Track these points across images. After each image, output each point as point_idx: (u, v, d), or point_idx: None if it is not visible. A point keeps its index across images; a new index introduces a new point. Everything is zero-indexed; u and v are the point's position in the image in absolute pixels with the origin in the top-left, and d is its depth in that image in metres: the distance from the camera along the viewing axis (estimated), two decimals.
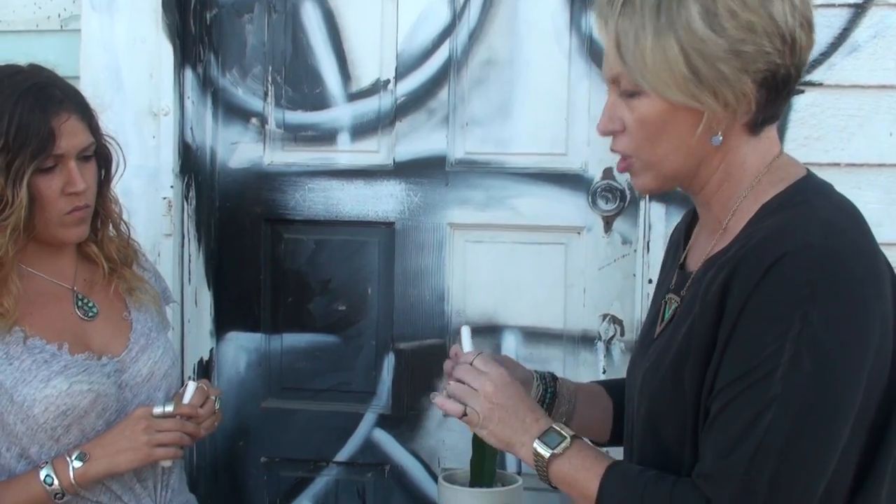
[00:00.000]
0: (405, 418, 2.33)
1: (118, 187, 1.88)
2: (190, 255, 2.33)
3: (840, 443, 1.14)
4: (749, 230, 1.23)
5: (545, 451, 1.29)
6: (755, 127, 1.25)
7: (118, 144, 1.75)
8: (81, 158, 1.63)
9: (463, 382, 1.39)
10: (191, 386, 1.69)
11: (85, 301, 1.71)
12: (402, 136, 2.30)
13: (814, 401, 1.12)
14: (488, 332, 2.28)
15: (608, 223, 2.21)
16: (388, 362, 2.34)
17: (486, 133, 2.27)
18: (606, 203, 2.20)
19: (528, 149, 2.25)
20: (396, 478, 2.34)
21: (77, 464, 1.57)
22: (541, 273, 2.25)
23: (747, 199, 1.26)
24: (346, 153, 2.34)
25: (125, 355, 1.69)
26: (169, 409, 1.64)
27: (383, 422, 2.35)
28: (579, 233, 2.23)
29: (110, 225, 1.77)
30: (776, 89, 1.23)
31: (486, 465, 1.90)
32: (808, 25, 1.23)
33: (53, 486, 1.56)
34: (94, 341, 1.68)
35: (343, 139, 2.34)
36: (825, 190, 1.27)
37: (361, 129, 2.33)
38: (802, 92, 2.00)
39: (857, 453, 1.18)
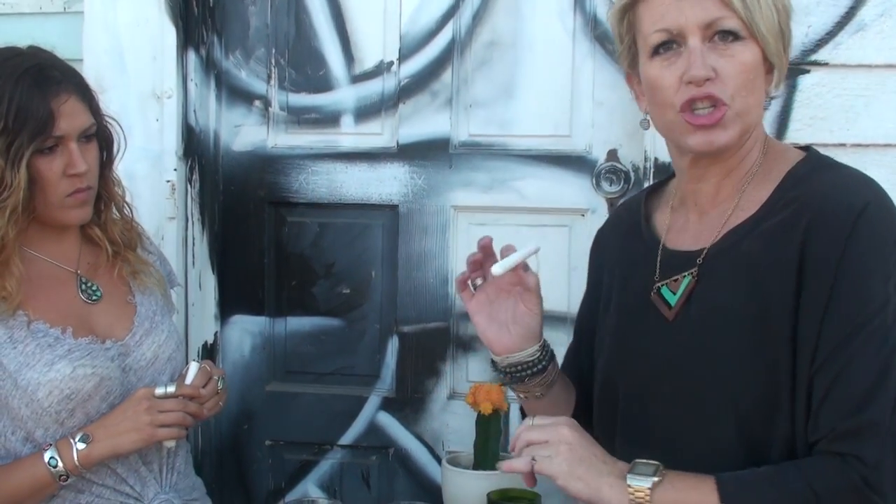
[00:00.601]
0: (409, 401, 2.32)
1: (121, 170, 1.87)
2: (194, 239, 2.33)
3: None
4: (791, 193, 1.24)
5: (645, 483, 1.19)
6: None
7: (119, 125, 1.74)
8: (82, 140, 1.63)
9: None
10: (193, 366, 1.69)
11: (88, 284, 1.70)
12: (406, 119, 2.29)
13: None
14: None
15: (612, 205, 2.20)
16: (392, 345, 2.34)
17: (489, 115, 2.26)
18: (610, 185, 2.19)
19: (531, 130, 2.24)
20: (400, 460, 2.34)
21: (80, 445, 1.57)
22: (544, 255, 2.20)
23: (763, 167, 1.31)
24: (349, 135, 2.33)
25: (129, 339, 1.69)
26: (171, 389, 1.64)
27: (387, 405, 2.34)
28: (583, 215, 2.22)
29: (113, 207, 1.76)
30: None
31: (489, 447, 1.91)
32: None
33: (57, 468, 1.56)
34: (98, 325, 1.68)
35: (346, 121, 2.33)
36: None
37: (365, 112, 2.32)
38: (808, 72, 1.98)
39: None
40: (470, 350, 2.30)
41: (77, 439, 1.57)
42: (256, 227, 2.38)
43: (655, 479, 1.19)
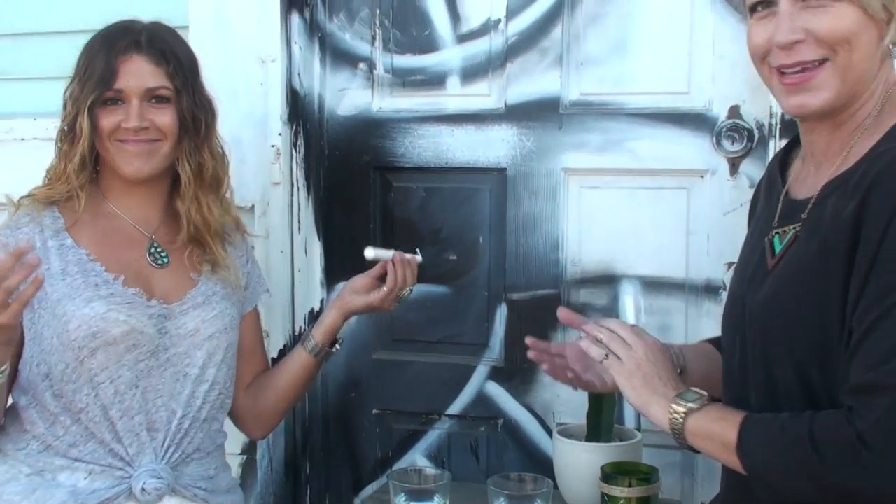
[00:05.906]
0: (518, 371, 2.26)
1: (227, 135, 1.86)
2: (299, 204, 2.30)
3: None
4: (875, 151, 1.24)
5: (682, 407, 1.33)
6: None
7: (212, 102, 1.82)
8: (152, 101, 1.71)
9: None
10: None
11: (159, 251, 1.76)
12: (514, 78, 2.21)
13: None
14: (605, 281, 2.18)
15: (734, 165, 2.07)
16: (501, 313, 2.27)
17: (602, 72, 2.16)
18: (732, 144, 2.06)
19: (647, 88, 2.12)
20: (510, 431, 2.28)
21: None
22: (661, 219, 2.13)
23: (877, 118, 1.28)
24: (455, 97, 2.26)
25: (177, 305, 1.72)
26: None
27: (496, 374, 2.28)
28: (702, 176, 2.10)
29: (211, 189, 1.79)
30: None
31: (603, 419, 1.85)
32: None
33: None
34: (155, 287, 1.72)
35: (452, 83, 2.26)
36: None
37: (471, 72, 2.25)
38: None
39: None
40: None
41: None
42: (362, 192, 2.34)
43: (693, 405, 1.31)
